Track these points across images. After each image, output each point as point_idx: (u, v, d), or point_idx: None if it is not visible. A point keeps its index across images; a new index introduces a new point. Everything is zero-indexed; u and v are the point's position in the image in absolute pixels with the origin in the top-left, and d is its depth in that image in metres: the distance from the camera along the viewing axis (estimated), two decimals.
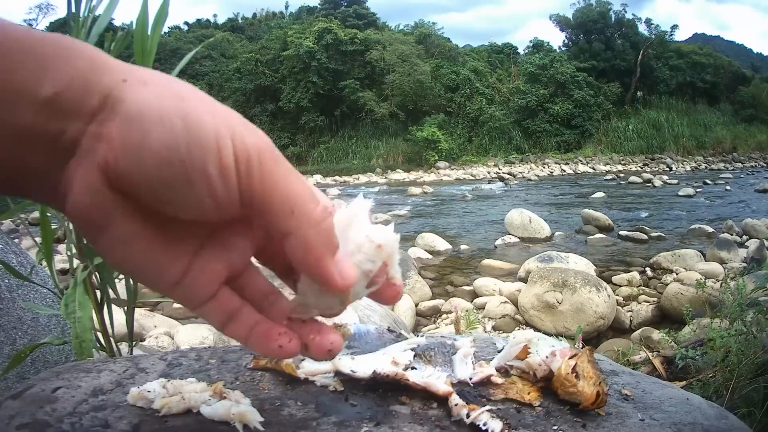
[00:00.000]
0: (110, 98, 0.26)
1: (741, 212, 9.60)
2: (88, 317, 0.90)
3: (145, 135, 0.25)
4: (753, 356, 1.70)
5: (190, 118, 0.26)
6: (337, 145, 25.18)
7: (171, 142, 0.25)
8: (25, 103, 0.25)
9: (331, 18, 28.56)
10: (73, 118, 0.26)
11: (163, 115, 0.26)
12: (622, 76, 27.89)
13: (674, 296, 4.25)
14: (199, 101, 0.27)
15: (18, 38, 0.26)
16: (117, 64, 0.28)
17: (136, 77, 0.28)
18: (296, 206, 0.27)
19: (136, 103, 0.26)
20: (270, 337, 0.31)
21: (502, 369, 0.44)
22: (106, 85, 0.27)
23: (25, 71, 0.25)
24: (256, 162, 0.26)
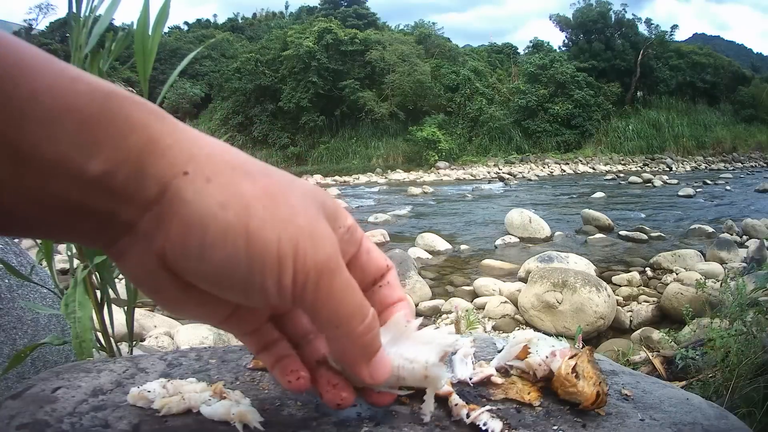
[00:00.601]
0: (169, 192, 0.25)
1: (741, 212, 9.60)
2: (88, 317, 0.90)
3: (206, 247, 0.25)
4: (753, 356, 1.70)
5: (253, 238, 0.25)
6: (337, 145, 25.18)
7: (232, 259, 0.25)
8: (68, 178, 0.23)
9: (331, 18, 28.55)
10: (127, 203, 0.25)
11: (227, 230, 0.25)
12: (622, 76, 27.89)
13: (674, 296, 4.25)
14: (263, 211, 0.26)
15: (59, 95, 0.22)
16: (174, 142, 0.25)
17: (198, 169, 0.25)
18: (341, 323, 0.29)
19: (198, 211, 0.25)
20: (284, 372, 0.34)
21: (502, 369, 0.44)
22: (163, 173, 0.25)
23: (68, 141, 0.22)
24: (313, 281, 0.27)
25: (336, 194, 14.55)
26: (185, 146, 0.26)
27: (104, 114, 0.23)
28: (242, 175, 0.26)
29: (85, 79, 0.24)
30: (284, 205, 0.27)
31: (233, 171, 0.26)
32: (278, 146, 25.24)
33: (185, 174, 0.25)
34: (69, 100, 0.23)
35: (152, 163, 0.24)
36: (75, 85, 0.23)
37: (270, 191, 0.27)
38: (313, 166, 23.67)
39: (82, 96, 0.23)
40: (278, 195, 0.27)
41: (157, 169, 0.25)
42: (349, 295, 0.29)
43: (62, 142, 0.22)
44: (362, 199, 13.79)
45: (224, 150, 0.27)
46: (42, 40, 27.27)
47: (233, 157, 0.27)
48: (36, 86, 0.22)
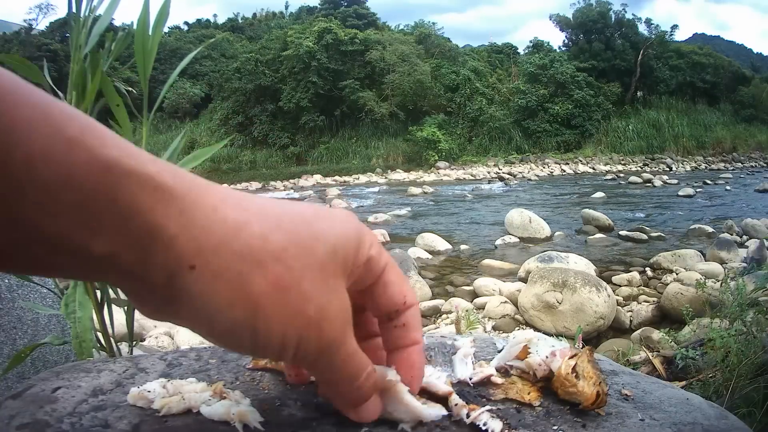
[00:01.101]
0: (177, 283, 0.25)
1: (741, 212, 9.60)
2: (88, 317, 0.90)
3: (212, 333, 0.27)
4: (753, 356, 1.70)
5: (258, 334, 0.26)
6: (337, 145, 25.18)
7: (237, 344, 0.28)
8: (73, 255, 0.22)
9: (331, 18, 28.55)
10: (135, 281, 0.25)
11: (234, 327, 0.26)
12: (622, 76, 27.88)
13: (674, 296, 4.25)
14: (272, 308, 0.26)
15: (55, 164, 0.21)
16: (180, 230, 0.24)
17: (205, 264, 0.25)
18: (333, 386, 0.31)
19: (206, 307, 0.25)
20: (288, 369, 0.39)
21: (502, 369, 0.44)
22: (170, 265, 0.24)
23: (69, 218, 0.21)
24: (312, 359, 0.29)
25: (336, 194, 14.55)
26: (192, 235, 0.24)
27: (104, 193, 0.22)
28: (252, 266, 0.26)
29: (83, 144, 0.22)
30: (295, 295, 0.27)
31: (243, 263, 0.25)
32: (278, 146, 25.24)
33: (192, 268, 0.24)
34: (65, 171, 0.21)
35: (157, 253, 0.24)
36: (72, 153, 0.21)
37: (281, 284, 0.26)
38: (313, 166, 23.66)
39: (79, 167, 0.21)
40: (290, 286, 0.26)
41: (163, 260, 0.24)
42: (344, 367, 0.30)
43: (63, 218, 0.21)
44: (362, 199, 13.80)
45: (236, 231, 0.26)
46: (42, 40, 27.27)
47: (244, 243, 0.26)
48: (31, 151, 0.20)
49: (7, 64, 0.96)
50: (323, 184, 19.09)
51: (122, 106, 1.00)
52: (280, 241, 0.27)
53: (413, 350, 0.34)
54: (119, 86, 1.05)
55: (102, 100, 1.00)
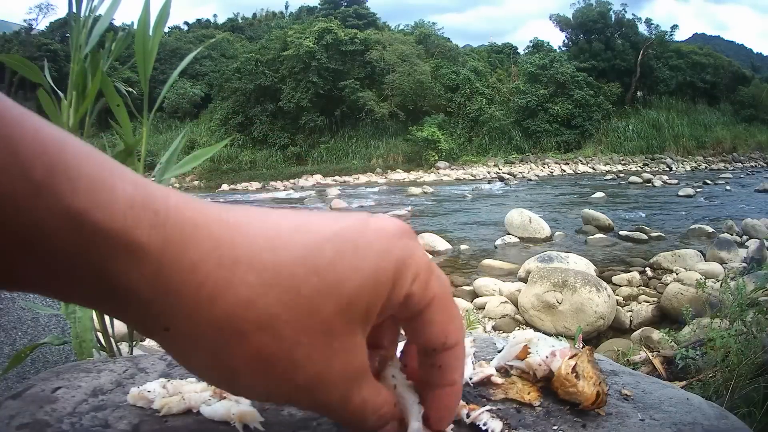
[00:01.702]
0: (155, 336, 0.24)
1: (741, 212, 9.60)
2: (89, 317, 0.90)
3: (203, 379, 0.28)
4: (753, 356, 1.70)
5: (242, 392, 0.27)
6: (337, 145, 25.19)
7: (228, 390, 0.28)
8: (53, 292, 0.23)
9: (331, 18, 28.56)
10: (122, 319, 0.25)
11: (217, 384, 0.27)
12: (622, 76, 27.89)
13: (674, 296, 4.25)
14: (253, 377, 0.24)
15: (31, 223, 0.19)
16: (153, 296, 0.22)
17: (179, 331, 0.23)
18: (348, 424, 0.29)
19: (185, 365, 0.26)
20: None
21: (502, 369, 0.44)
22: (147, 324, 0.24)
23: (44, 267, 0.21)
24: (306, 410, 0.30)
25: (336, 194, 14.55)
26: (166, 301, 0.23)
27: (75, 251, 0.21)
28: (230, 337, 0.23)
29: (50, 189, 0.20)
30: (282, 365, 0.24)
31: (219, 333, 0.23)
32: (278, 146, 25.25)
33: (166, 330, 0.23)
34: (34, 220, 0.19)
35: (133, 311, 0.23)
36: (39, 201, 0.19)
37: (264, 355, 0.23)
38: (313, 166, 23.67)
39: (48, 219, 0.20)
40: (275, 356, 0.24)
41: (140, 318, 0.24)
42: (351, 418, 0.28)
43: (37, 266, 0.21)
44: (362, 199, 13.80)
45: (214, 297, 0.23)
46: (42, 40, 27.29)
47: (221, 312, 0.23)
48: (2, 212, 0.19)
49: (8, 65, 0.96)
50: (323, 184, 19.09)
51: (122, 107, 1.00)
52: (270, 305, 0.23)
53: (448, 392, 0.31)
54: (119, 86, 1.05)
55: (102, 100, 1.00)
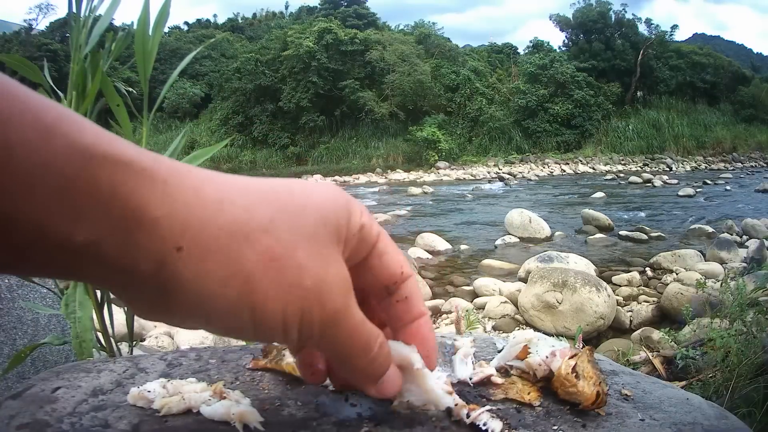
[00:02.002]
0: (165, 270, 0.24)
1: (741, 212, 9.60)
2: (88, 317, 0.90)
3: (211, 320, 0.26)
4: (753, 356, 1.70)
5: (257, 312, 0.25)
6: (337, 145, 25.18)
7: (238, 329, 0.26)
8: (54, 245, 0.22)
9: (331, 18, 28.55)
10: (121, 273, 0.23)
11: (230, 308, 0.25)
12: (622, 76, 27.88)
13: (674, 296, 4.25)
14: (267, 281, 0.25)
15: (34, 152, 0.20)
16: (163, 213, 0.23)
17: (192, 244, 0.24)
18: (345, 360, 0.30)
19: (199, 291, 0.24)
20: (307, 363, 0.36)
21: (502, 369, 0.44)
22: (155, 250, 0.23)
23: (48, 207, 0.21)
24: (318, 333, 0.28)
25: None
26: (176, 216, 0.24)
27: (84, 178, 0.21)
28: (241, 241, 0.25)
29: (60, 131, 0.21)
30: (289, 266, 0.26)
31: (231, 238, 0.25)
32: (278, 146, 25.24)
33: (179, 250, 0.24)
34: (44, 158, 0.20)
35: (141, 237, 0.23)
36: (50, 141, 0.21)
37: (273, 255, 0.25)
38: (313, 166, 23.66)
39: (58, 154, 0.21)
40: (282, 257, 0.26)
41: (148, 244, 0.23)
42: (353, 338, 0.29)
43: (42, 205, 0.21)
44: (362, 199, 13.79)
45: (219, 207, 0.25)
46: (42, 40, 27.28)
47: (229, 218, 0.25)
48: (8, 139, 0.20)
49: (8, 65, 0.96)
50: None
51: (122, 106, 1.00)
52: (266, 212, 0.26)
53: (422, 323, 0.34)
54: (119, 86, 1.05)
55: (102, 100, 1.00)
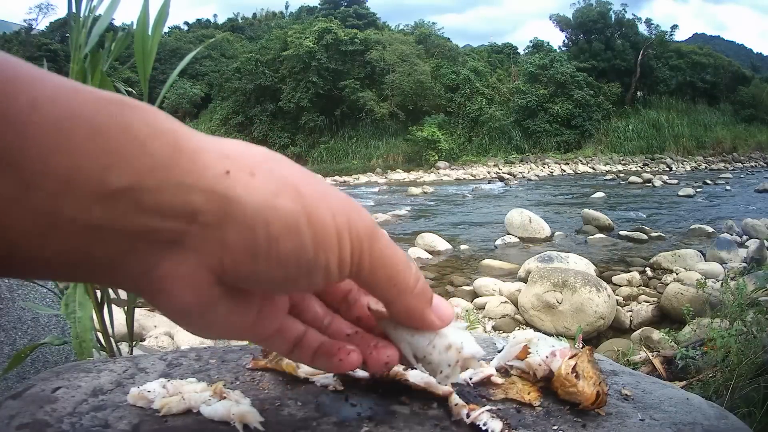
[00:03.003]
0: (216, 197, 0.23)
1: (741, 212, 9.60)
2: (88, 317, 0.90)
3: (272, 242, 0.24)
4: (753, 356, 1.70)
5: (313, 218, 0.25)
6: (337, 145, 25.19)
7: (299, 248, 0.25)
8: (87, 195, 0.20)
9: (331, 18, 28.56)
10: (164, 216, 0.22)
11: (289, 218, 0.24)
12: (622, 76, 27.88)
13: (674, 296, 4.25)
14: (313, 192, 0.26)
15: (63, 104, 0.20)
16: (201, 144, 0.24)
17: (237, 166, 0.24)
18: (397, 280, 0.29)
19: (255, 207, 0.23)
20: (331, 353, 0.32)
21: (502, 369, 0.44)
22: (203, 178, 0.23)
23: (80, 152, 0.20)
24: (367, 248, 0.27)
25: None
26: (213, 147, 0.24)
27: (117, 120, 0.21)
28: (275, 161, 0.26)
29: (88, 88, 0.21)
30: (321, 182, 0.27)
31: (267, 160, 0.26)
32: (278, 146, 25.23)
33: (227, 173, 0.23)
34: (75, 108, 0.20)
35: (185, 169, 0.22)
36: (79, 94, 0.21)
37: (303, 171, 0.27)
38: (313, 166, 23.65)
39: (88, 104, 0.21)
40: (311, 175, 0.27)
41: (194, 175, 0.22)
42: (396, 253, 0.29)
43: (73, 153, 0.20)
44: (362, 199, 13.79)
45: (246, 145, 0.26)
46: (42, 40, 27.29)
47: (259, 150, 0.26)
48: (36, 95, 0.19)
49: None
50: None
51: None
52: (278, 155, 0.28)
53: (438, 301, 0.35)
54: (119, 86, 1.05)
55: None
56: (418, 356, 0.33)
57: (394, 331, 0.33)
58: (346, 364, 0.32)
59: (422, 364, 0.33)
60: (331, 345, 0.33)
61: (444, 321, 0.32)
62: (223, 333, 0.29)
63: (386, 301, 0.31)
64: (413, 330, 0.32)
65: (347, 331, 0.34)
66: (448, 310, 0.33)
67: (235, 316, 0.28)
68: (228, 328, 0.28)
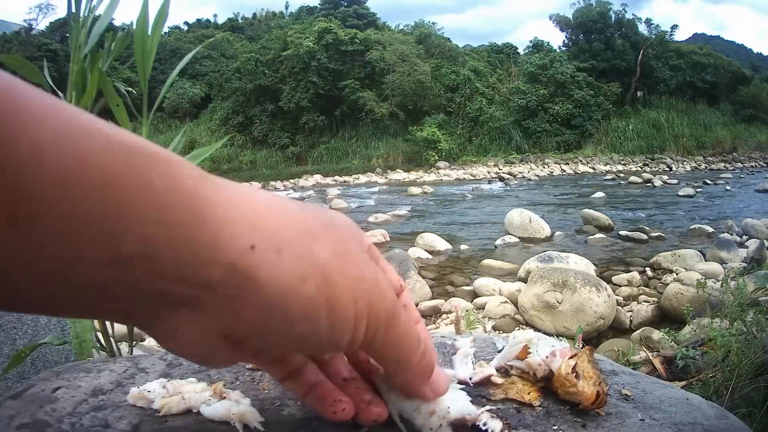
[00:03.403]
0: (237, 273, 0.21)
1: (741, 212, 9.60)
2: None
3: (287, 324, 0.24)
4: (753, 356, 1.70)
5: (334, 307, 0.24)
6: (337, 145, 25.18)
7: (314, 332, 0.25)
8: (93, 258, 0.18)
9: (331, 18, 28.55)
10: (179, 284, 0.21)
11: (309, 305, 0.23)
12: (622, 76, 27.88)
13: (674, 296, 4.25)
14: (340, 276, 0.25)
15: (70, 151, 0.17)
16: (229, 210, 0.22)
17: (265, 241, 0.22)
18: (403, 359, 0.30)
19: (277, 290, 0.22)
20: (326, 401, 0.33)
21: (502, 369, 0.44)
22: (226, 252, 0.21)
23: (90, 211, 0.18)
24: (383, 330, 0.27)
25: (336, 194, 14.55)
26: (242, 214, 0.22)
27: (133, 177, 0.19)
28: (309, 236, 0.24)
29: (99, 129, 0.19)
30: (353, 261, 0.26)
31: (299, 235, 0.24)
32: (278, 146, 25.24)
33: (252, 248, 0.22)
34: (81, 157, 0.18)
35: (208, 242, 0.21)
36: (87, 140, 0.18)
37: (338, 250, 0.25)
38: (313, 166, 23.66)
39: (98, 153, 0.18)
40: (346, 252, 0.26)
41: (216, 249, 0.21)
42: (409, 332, 0.29)
43: (81, 215, 0.18)
44: (362, 199, 13.79)
45: (279, 209, 0.24)
46: (42, 40, 27.27)
47: (292, 217, 0.25)
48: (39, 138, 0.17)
49: (7, 65, 0.96)
50: (323, 184, 19.08)
51: (122, 107, 1.00)
52: (314, 217, 0.26)
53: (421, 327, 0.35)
54: (119, 86, 1.05)
55: (102, 101, 1.00)
56: (402, 417, 0.34)
57: (387, 391, 0.34)
58: (338, 416, 0.33)
59: (406, 426, 0.34)
60: (327, 391, 0.33)
61: (437, 394, 0.33)
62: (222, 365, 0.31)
63: (387, 372, 0.32)
64: (403, 395, 0.34)
65: (345, 375, 0.34)
66: (443, 385, 0.33)
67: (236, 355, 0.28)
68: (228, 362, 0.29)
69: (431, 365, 0.32)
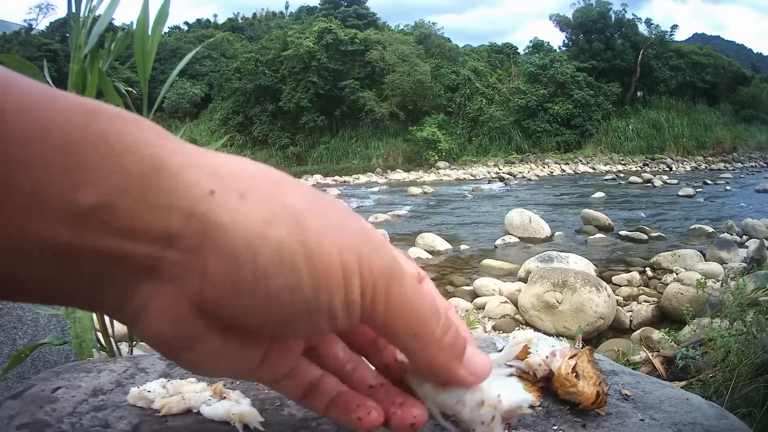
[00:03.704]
0: (196, 219, 0.20)
1: (741, 212, 9.60)
2: (89, 317, 0.90)
3: (258, 276, 0.21)
4: (753, 356, 1.70)
5: (313, 253, 0.21)
6: (337, 145, 25.19)
7: (293, 286, 0.21)
8: (54, 213, 0.18)
9: (331, 18, 28.55)
10: (138, 240, 0.20)
11: (282, 251, 0.21)
12: (622, 76, 27.88)
13: (674, 296, 4.25)
14: (319, 223, 0.22)
15: (32, 113, 0.18)
16: (186, 160, 0.21)
17: (226, 186, 0.21)
18: (419, 330, 0.25)
19: (242, 235, 0.20)
20: (349, 408, 0.29)
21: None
22: (182, 197, 0.20)
23: (48, 167, 0.18)
24: (382, 290, 0.23)
25: (336, 194, 14.55)
26: (203, 162, 0.21)
27: (91, 132, 0.19)
28: (277, 184, 0.22)
29: (62, 95, 0.19)
30: (333, 209, 0.23)
31: (266, 182, 0.22)
32: (278, 146, 25.25)
33: (212, 193, 0.20)
34: (46, 119, 0.18)
35: (164, 188, 0.20)
36: (50, 103, 0.19)
37: (314, 197, 0.23)
38: (313, 166, 23.66)
39: (61, 114, 0.18)
40: (323, 200, 0.23)
41: (173, 194, 0.20)
42: (420, 298, 0.25)
43: (41, 168, 0.18)
44: (362, 199, 13.79)
45: (247, 162, 0.23)
46: (42, 40, 27.27)
47: (261, 169, 0.23)
48: (2, 104, 0.18)
49: (7, 65, 0.96)
50: (323, 184, 19.09)
51: (122, 106, 1.00)
52: (287, 176, 0.24)
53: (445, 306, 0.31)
54: (119, 86, 1.05)
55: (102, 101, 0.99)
56: (445, 415, 0.29)
57: (420, 387, 0.29)
58: (365, 422, 0.28)
59: (452, 424, 0.29)
60: (350, 398, 0.29)
61: (478, 377, 0.28)
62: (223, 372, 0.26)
63: (407, 353, 0.27)
64: (440, 386, 0.28)
65: (371, 383, 0.30)
66: (483, 365, 0.28)
67: (232, 354, 0.25)
68: (227, 367, 0.26)
69: (459, 340, 0.27)
